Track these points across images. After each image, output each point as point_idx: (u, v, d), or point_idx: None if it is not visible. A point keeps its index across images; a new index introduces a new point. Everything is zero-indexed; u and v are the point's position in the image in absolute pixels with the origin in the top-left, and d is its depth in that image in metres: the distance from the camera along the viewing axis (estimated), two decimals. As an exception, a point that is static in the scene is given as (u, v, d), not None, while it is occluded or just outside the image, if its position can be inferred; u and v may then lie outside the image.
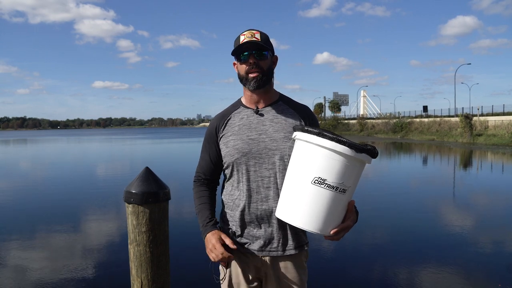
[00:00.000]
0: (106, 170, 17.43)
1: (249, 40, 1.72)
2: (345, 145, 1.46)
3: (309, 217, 1.52)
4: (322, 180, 1.49)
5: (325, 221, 1.53)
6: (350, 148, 1.46)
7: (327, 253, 5.45)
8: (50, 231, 6.72)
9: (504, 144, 28.77)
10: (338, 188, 1.49)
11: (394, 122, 50.82)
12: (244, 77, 1.77)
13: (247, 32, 1.76)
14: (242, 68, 1.77)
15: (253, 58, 1.73)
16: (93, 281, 4.47)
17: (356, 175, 1.54)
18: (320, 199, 1.50)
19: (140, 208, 1.71)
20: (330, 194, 1.50)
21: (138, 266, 1.75)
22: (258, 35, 1.75)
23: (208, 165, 1.88)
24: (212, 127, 1.87)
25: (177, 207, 8.10)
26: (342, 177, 1.49)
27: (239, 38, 1.76)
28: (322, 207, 1.51)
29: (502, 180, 13.31)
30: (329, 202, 1.50)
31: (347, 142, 1.46)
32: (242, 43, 1.73)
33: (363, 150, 1.48)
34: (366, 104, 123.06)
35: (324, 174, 1.48)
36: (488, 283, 4.43)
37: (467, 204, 9.15)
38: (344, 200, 1.55)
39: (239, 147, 1.77)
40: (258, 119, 1.80)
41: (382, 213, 7.87)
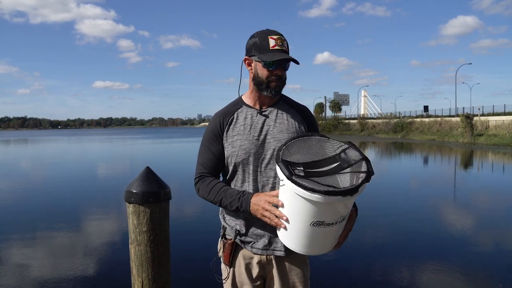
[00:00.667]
0: (107, 170, 17.44)
1: (280, 49, 1.71)
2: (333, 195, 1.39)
3: (319, 247, 1.62)
4: (320, 222, 1.50)
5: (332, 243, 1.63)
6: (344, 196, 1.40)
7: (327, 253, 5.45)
8: (51, 230, 6.72)
9: (505, 144, 28.74)
10: (337, 221, 1.52)
11: (394, 122, 50.79)
12: (264, 83, 1.76)
13: (277, 38, 1.73)
14: (263, 73, 1.75)
15: (281, 70, 1.75)
16: (94, 280, 4.47)
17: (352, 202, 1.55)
18: (323, 234, 1.55)
19: (141, 207, 1.71)
20: (332, 228, 1.53)
21: (139, 265, 1.75)
22: (286, 44, 1.75)
23: (211, 162, 1.84)
24: (216, 125, 1.84)
25: (178, 207, 8.10)
26: (339, 213, 1.49)
27: (267, 40, 1.72)
28: (327, 239, 1.58)
29: (503, 180, 13.29)
30: (332, 233, 1.56)
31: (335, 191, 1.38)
32: (274, 49, 1.71)
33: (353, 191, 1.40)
34: (366, 104, 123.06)
35: (321, 217, 1.48)
36: (489, 283, 4.43)
37: (468, 204, 9.14)
38: (344, 223, 1.59)
39: (245, 147, 1.77)
40: (262, 120, 1.81)
41: (382, 213, 7.87)
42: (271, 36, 1.73)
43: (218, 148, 1.83)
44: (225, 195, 1.75)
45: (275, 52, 1.70)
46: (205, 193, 1.81)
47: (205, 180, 1.83)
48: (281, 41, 1.72)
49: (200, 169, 1.86)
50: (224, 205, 1.75)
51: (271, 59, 1.69)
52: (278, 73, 1.74)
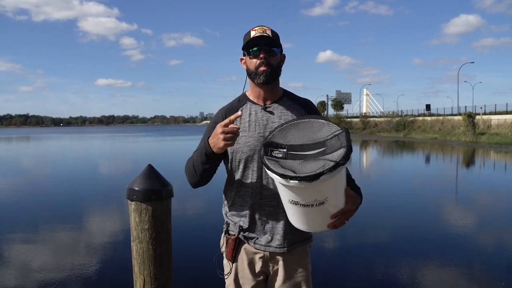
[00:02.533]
0: (109, 167, 17.47)
1: (260, 35, 1.73)
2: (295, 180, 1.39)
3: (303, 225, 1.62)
4: (295, 202, 1.51)
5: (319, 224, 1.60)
6: (300, 182, 1.40)
7: (329, 250, 5.45)
8: (53, 228, 6.74)
9: (507, 143, 28.67)
10: (312, 204, 1.49)
11: (396, 121, 50.71)
12: (253, 72, 1.77)
13: (258, 28, 1.76)
14: (251, 63, 1.77)
15: (263, 53, 1.74)
16: (96, 278, 4.48)
17: (331, 186, 1.48)
18: (303, 214, 1.56)
19: (143, 205, 1.71)
20: (309, 210, 1.52)
21: (141, 263, 1.75)
22: (269, 32, 1.76)
23: None
24: (219, 119, 1.82)
25: (180, 204, 8.10)
26: (312, 196, 1.48)
27: (249, 33, 1.76)
28: (307, 218, 1.58)
29: (504, 179, 13.26)
30: (312, 214, 1.55)
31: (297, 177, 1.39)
32: (254, 37, 1.73)
33: (318, 175, 1.38)
34: (368, 102, 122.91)
35: (295, 198, 1.50)
36: (491, 282, 4.42)
37: (470, 203, 9.12)
38: (327, 207, 1.53)
39: (251, 144, 1.77)
40: (267, 116, 1.81)
41: (384, 212, 7.86)
42: (253, 28, 1.77)
43: None
44: (193, 159, 1.77)
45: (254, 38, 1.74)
46: (188, 173, 1.82)
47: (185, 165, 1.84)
48: (262, 29, 1.75)
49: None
50: (197, 164, 1.74)
51: (247, 42, 1.75)
52: (261, 57, 1.74)
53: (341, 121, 65.75)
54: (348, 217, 1.60)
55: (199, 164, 1.73)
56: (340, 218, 1.57)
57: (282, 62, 1.84)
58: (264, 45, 1.74)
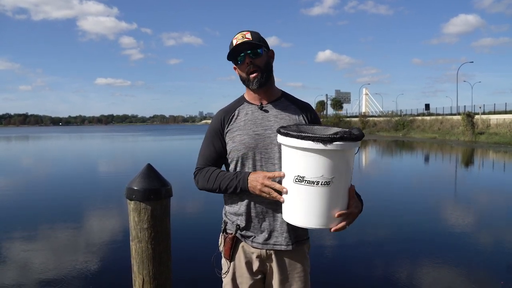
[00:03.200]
0: (108, 166, 17.45)
1: (240, 42, 1.75)
2: (309, 140, 1.44)
3: (303, 215, 1.56)
4: (301, 177, 1.51)
5: (319, 215, 1.54)
6: (315, 142, 1.44)
7: (328, 249, 5.45)
8: (52, 227, 6.73)
9: (506, 143, 28.69)
10: (318, 182, 1.49)
11: (396, 120, 50.73)
12: (246, 79, 1.81)
13: (238, 35, 1.79)
14: (242, 71, 1.81)
15: (248, 58, 1.77)
16: (95, 277, 4.48)
17: (339, 165, 1.50)
18: (305, 196, 1.52)
19: (142, 204, 1.71)
20: (313, 190, 1.50)
21: (140, 262, 1.75)
22: (249, 35, 1.78)
23: (212, 155, 1.88)
24: (217, 121, 1.88)
25: (179, 204, 8.10)
26: (320, 170, 1.48)
27: (232, 42, 1.79)
28: (309, 202, 1.53)
29: (503, 179, 13.27)
30: (315, 197, 1.51)
31: (312, 137, 1.44)
32: (235, 46, 1.76)
33: (332, 139, 1.43)
34: (368, 102, 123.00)
35: (302, 171, 1.50)
36: (490, 281, 4.43)
37: (468, 203, 9.13)
38: (333, 192, 1.52)
39: (246, 142, 1.79)
40: (263, 115, 1.83)
41: (383, 211, 7.86)
42: (235, 37, 1.80)
43: (219, 144, 1.86)
44: (223, 178, 1.77)
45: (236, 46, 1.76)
46: (204, 182, 1.83)
47: (203, 170, 1.86)
48: (242, 35, 1.78)
49: (200, 162, 1.90)
50: (224, 188, 1.76)
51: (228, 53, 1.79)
52: (247, 62, 1.77)
53: (340, 120, 65.76)
54: (349, 222, 1.61)
55: (228, 189, 1.76)
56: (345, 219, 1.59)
57: (272, 58, 1.86)
58: (247, 50, 1.76)
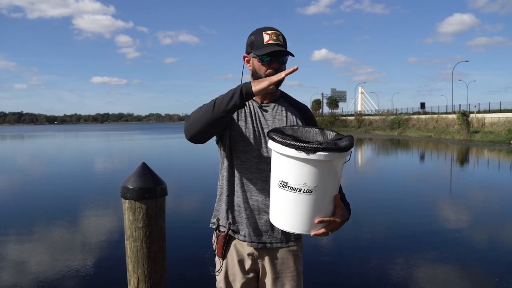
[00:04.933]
0: (103, 165, 17.40)
1: (275, 42, 1.72)
2: (292, 148, 1.43)
3: (286, 219, 1.56)
4: (284, 183, 1.50)
5: (301, 221, 1.53)
6: (298, 151, 1.42)
7: (321, 249, 5.46)
8: (47, 226, 6.71)
9: (500, 141, 28.86)
10: (301, 189, 1.48)
11: (391, 119, 50.90)
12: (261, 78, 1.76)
13: (271, 32, 1.75)
14: (261, 69, 1.77)
15: (277, 64, 1.75)
16: (90, 276, 4.47)
17: (323, 175, 1.48)
18: (288, 201, 1.52)
19: (136, 203, 1.70)
20: (295, 196, 1.50)
21: (135, 262, 1.74)
22: (282, 38, 1.76)
23: None
24: None
25: (174, 202, 8.10)
26: (302, 178, 1.47)
27: (261, 35, 1.75)
28: (291, 208, 1.52)
29: (498, 177, 13.35)
30: (297, 203, 1.51)
31: (295, 145, 1.42)
32: (270, 46, 1.72)
33: (315, 149, 1.40)
34: (364, 100, 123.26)
35: (285, 177, 1.50)
36: (485, 278, 4.46)
37: (463, 200, 9.18)
38: (315, 200, 1.50)
39: (244, 141, 1.80)
40: (261, 114, 1.84)
41: (378, 209, 7.89)
42: (266, 31, 1.76)
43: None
44: (218, 97, 1.63)
45: (269, 46, 1.72)
46: (197, 113, 1.68)
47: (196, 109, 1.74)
48: (275, 35, 1.74)
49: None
50: (219, 102, 1.59)
51: (264, 52, 1.72)
52: (274, 67, 1.75)
53: (336, 119, 65.93)
54: (333, 229, 1.57)
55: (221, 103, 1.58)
56: (326, 226, 1.55)
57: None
58: (279, 56, 1.74)
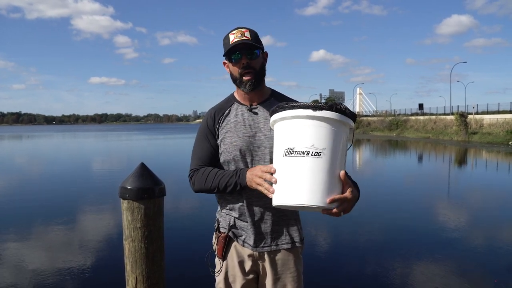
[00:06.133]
0: (102, 165, 17.38)
1: (239, 39, 1.70)
2: (299, 108, 1.44)
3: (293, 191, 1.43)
4: (291, 149, 1.44)
5: (311, 190, 1.41)
6: (304, 109, 1.43)
7: (321, 249, 5.47)
8: (46, 226, 6.69)
9: (498, 143, 28.89)
10: (309, 152, 1.41)
11: (389, 120, 50.92)
12: (238, 79, 1.76)
13: (236, 31, 1.73)
14: (234, 70, 1.76)
15: (245, 59, 1.72)
16: (89, 276, 4.46)
17: (330, 137, 1.44)
18: (295, 168, 1.43)
19: (135, 204, 1.70)
20: (303, 160, 1.42)
21: (133, 262, 1.74)
22: (248, 33, 1.73)
23: (207, 155, 1.84)
24: (209, 120, 1.86)
25: (173, 203, 8.09)
26: (310, 140, 1.43)
27: (228, 37, 1.74)
28: (299, 176, 1.42)
29: (496, 178, 13.37)
30: (304, 169, 1.41)
31: (301, 104, 1.45)
32: (233, 44, 1.70)
33: (321, 107, 1.43)
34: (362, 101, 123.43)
35: (292, 143, 1.44)
36: (484, 278, 4.46)
37: (461, 202, 9.19)
38: (324, 165, 1.41)
39: (236, 144, 1.77)
40: (252, 117, 1.81)
41: (376, 210, 7.89)
42: (231, 32, 1.74)
43: (212, 142, 1.84)
44: (222, 176, 1.73)
45: (234, 44, 1.71)
46: (202, 183, 1.78)
47: (199, 171, 1.81)
48: (240, 32, 1.72)
49: (195, 164, 1.86)
50: (223, 186, 1.72)
51: (227, 49, 1.72)
52: (243, 63, 1.72)
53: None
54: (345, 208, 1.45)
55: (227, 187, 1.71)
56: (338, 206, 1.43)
57: (265, 61, 1.82)
58: (245, 50, 1.72)
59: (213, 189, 1.76)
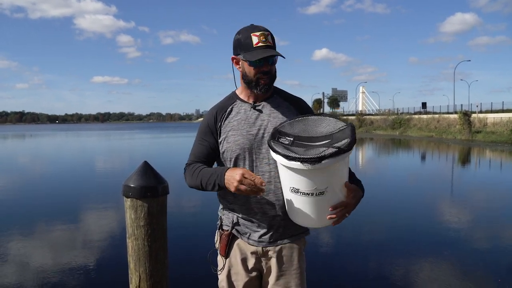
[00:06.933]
0: (105, 164, 17.42)
1: (264, 44, 1.69)
2: (298, 161, 1.45)
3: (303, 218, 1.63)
4: (296, 189, 1.55)
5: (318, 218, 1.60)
6: (303, 163, 1.44)
7: (324, 246, 5.46)
8: (49, 224, 6.72)
9: (502, 141, 28.78)
10: (313, 193, 1.52)
11: (392, 119, 50.77)
12: (252, 81, 1.75)
13: (259, 34, 1.70)
14: (251, 71, 1.74)
15: (267, 66, 1.72)
16: (92, 274, 4.48)
17: (332, 175, 1.51)
18: (302, 204, 1.57)
19: (138, 202, 1.70)
20: (308, 200, 1.54)
21: (136, 260, 1.75)
22: (270, 38, 1.72)
23: (203, 152, 1.85)
24: (210, 118, 1.85)
25: (176, 201, 8.10)
26: (313, 184, 1.50)
27: (250, 37, 1.70)
28: (306, 210, 1.58)
29: (500, 177, 13.32)
30: (311, 205, 1.56)
31: (299, 158, 1.44)
32: (257, 48, 1.69)
33: (321, 159, 1.42)
34: (365, 100, 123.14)
35: (296, 185, 1.54)
36: (488, 278, 4.45)
37: (465, 201, 9.17)
38: (329, 198, 1.55)
39: (240, 143, 1.77)
40: (256, 114, 1.81)
41: (380, 209, 7.88)
42: (254, 33, 1.71)
43: (212, 141, 1.85)
44: (204, 174, 1.76)
45: (259, 50, 1.68)
46: (190, 179, 1.83)
47: (190, 166, 1.84)
48: (264, 36, 1.70)
49: (190, 159, 1.88)
50: (204, 185, 1.75)
51: (255, 57, 1.68)
52: (265, 69, 1.72)
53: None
54: (348, 211, 1.60)
55: (208, 186, 1.75)
56: (341, 211, 1.57)
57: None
58: (268, 57, 1.71)
59: (198, 186, 1.80)
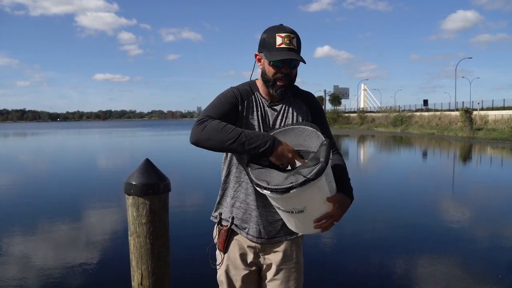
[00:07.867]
0: (107, 162, 17.44)
1: (287, 47, 1.67)
2: (267, 191, 1.49)
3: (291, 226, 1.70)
4: (277, 207, 1.62)
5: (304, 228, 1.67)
6: (272, 193, 1.48)
7: (322, 244, 5.46)
8: (51, 222, 6.73)
9: (504, 139, 28.74)
10: (292, 211, 1.57)
11: (394, 116, 50.71)
12: (271, 81, 1.73)
13: (284, 35, 1.68)
14: (270, 71, 1.73)
15: (287, 68, 1.71)
16: (94, 272, 4.48)
17: (308, 196, 1.52)
18: (286, 217, 1.64)
19: (140, 199, 1.71)
20: (290, 215, 1.60)
21: (139, 257, 1.75)
22: (295, 41, 1.70)
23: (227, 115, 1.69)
24: (234, 97, 1.76)
25: (177, 199, 8.10)
26: (290, 206, 1.55)
27: (274, 37, 1.68)
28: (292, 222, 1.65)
29: (501, 174, 13.31)
30: (294, 219, 1.62)
31: (269, 188, 1.47)
32: (280, 49, 1.67)
33: (289, 189, 1.44)
34: (366, 97, 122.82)
35: (276, 204, 1.60)
36: (489, 275, 4.44)
37: (466, 198, 9.15)
38: (310, 213, 1.57)
39: None
40: (271, 113, 1.81)
41: (380, 207, 7.88)
42: (279, 33, 1.68)
43: (234, 113, 1.74)
44: (243, 130, 1.58)
45: (281, 51, 1.67)
46: (216, 130, 1.57)
47: (216, 121, 1.62)
48: (289, 39, 1.68)
49: (212, 113, 1.68)
50: (242, 141, 1.55)
51: (275, 58, 1.67)
52: (283, 71, 1.71)
53: (339, 116, 65.76)
54: (335, 220, 1.62)
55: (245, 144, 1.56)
56: (326, 222, 1.60)
57: None
58: (289, 60, 1.69)
59: (226, 140, 1.56)
